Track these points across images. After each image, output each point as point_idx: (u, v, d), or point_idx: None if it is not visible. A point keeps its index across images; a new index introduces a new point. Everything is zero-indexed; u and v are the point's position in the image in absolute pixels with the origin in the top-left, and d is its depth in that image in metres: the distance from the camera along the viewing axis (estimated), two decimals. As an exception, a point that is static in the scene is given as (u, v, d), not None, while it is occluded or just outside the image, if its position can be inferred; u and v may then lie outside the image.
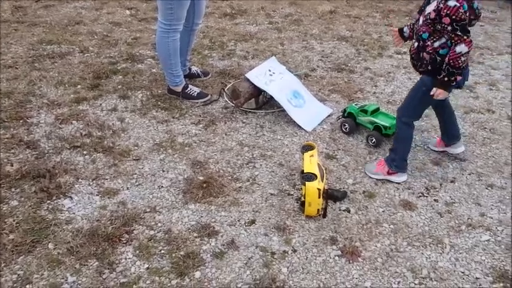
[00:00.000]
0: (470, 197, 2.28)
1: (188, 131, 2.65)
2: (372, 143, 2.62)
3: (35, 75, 3.12)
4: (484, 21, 4.81)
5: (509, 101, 3.22)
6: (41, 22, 4.04)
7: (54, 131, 2.55)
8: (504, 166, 2.52)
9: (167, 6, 2.61)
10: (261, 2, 5.05)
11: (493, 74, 3.63)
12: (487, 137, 2.79)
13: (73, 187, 2.15)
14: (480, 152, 2.63)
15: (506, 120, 2.97)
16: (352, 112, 2.69)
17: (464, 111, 3.04)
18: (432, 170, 2.46)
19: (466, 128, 2.85)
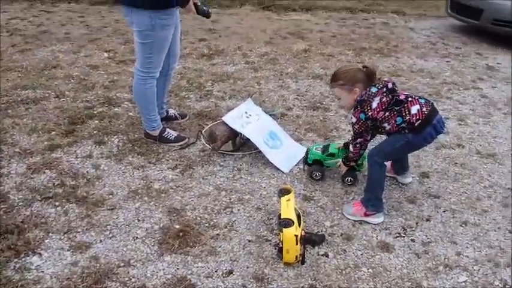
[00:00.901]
0: (445, 235, 2.28)
1: (165, 176, 2.61)
2: (349, 182, 2.62)
3: (7, 123, 3.08)
4: (450, 57, 5.04)
5: (477, 135, 3.29)
6: (16, 67, 4.02)
7: (25, 182, 2.48)
8: (476, 202, 2.54)
9: (146, 55, 2.63)
10: (237, 41, 5.15)
11: (461, 108, 3.74)
12: (458, 172, 2.83)
13: (43, 242, 2.07)
14: (453, 188, 2.67)
15: (475, 155, 3.03)
16: (318, 158, 2.65)
17: (435, 146, 3.08)
18: (408, 209, 2.47)
19: (438, 164, 2.90)
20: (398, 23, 6.58)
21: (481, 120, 3.55)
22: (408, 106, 2.24)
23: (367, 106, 2.28)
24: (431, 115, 2.27)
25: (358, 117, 2.31)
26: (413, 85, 4.18)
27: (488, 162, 2.95)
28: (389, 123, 2.27)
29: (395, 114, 2.24)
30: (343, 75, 2.37)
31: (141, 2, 2.47)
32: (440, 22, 6.68)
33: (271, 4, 7.22)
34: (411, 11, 7.33)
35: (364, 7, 7.44)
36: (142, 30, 2.55)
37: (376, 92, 2.28)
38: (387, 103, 2.26)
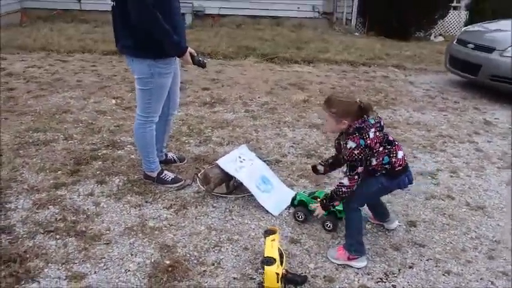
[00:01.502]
0: (427, 283, 2.34)
1: (160, 215, 2.78)
2: (328, 228, 2.73)
3: (18, 162, 3.30)
4: (447, 111, 5.21)
5: (468, 188, 3.38)
6: (30, 111, 4.31)
7: (30, 216, 2.67)
8: (461, 252, 2.61)
9: (146, 101, 2.87)
10: (239, 91, 5.44)
11: (454, 161, 3.83)
12: (446, 223, 2.90)
13: (42, 271, 2.23)
14: (439, 238, 2.74)
15: (465, 207, 3.11)
16: (303, 200, 2.80)
17: (425, 197, 3.19)
18: (392, 256, 2.55)
19: (426, 214, 2.99)
20: (398, 77, 6.74)
21: (474, 173, 3.63)
22: (396, 149, 2.36)
23: (365, 134, 2.28)
24: (407, 164, 2.44)
25: (358, 143, 2.26)
26: (409, 137, 4.31)
27: (477, 215, 3.02)
28: (377, 160, 2.33)
29: (385, 153, 2.33)
30: (337, 105, 2.34)
31: (140, 52, 2.73)
32: (440, 77, 6.81)
33: (274, 56, 7.57)
34: (412, 66, 7.50)
35: (366, 61, 7.64)
36: (142, 77, 2.80)
37: (372, 124, 2.32)
38: (381, 138, 2.33)
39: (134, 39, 2.70)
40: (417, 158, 3.86)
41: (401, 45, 8.95)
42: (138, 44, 2.69)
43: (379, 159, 2.34)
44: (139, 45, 2.70)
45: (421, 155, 3.92)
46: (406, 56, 8.17)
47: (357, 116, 2.32)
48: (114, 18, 2.76)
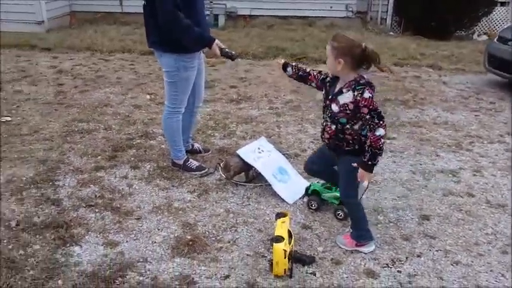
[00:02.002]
0: (433, 271, 2.45)
1: (184, 197, 3.15)
2: (340, 217, 2.90)
3: (65, 147, 3.77)
4: (480, 112, 5.07)
5: (491, 187, 3.37)
6: (76, 104, 4.79)
7: (74, 192, 3.11)
8: (474, 246, 2.68)
9: (173, 92, 3.23)
10: (265, 89, 5.74)
11: (480, 161, 3.83)
12: (461, 218, 2.96)
13: (83, 238, 2.65)
14: (452, 232, 2.82)
15: (484, 204, 3.13)
16: (316, 189, 3.01)
17: (443, 193, 3.26)
18: (401, 244, 2.68)
19: (442, 209, 3.06)
20: (431, 77, 6.53)
21: (500, 173, 3.61)
22: (375, 126, 2.27)
23: (373, 93, 2.25)
24: None
25: (373, 94, 2.22)
26: (433, 136, 4.32)
27: (497, 212, 3.03)
28: (359, 125, 2.33)
29: (362, 122, 2.32)
30: (340, 41, 2.26)
31: (167, 47, 3.08)
32: (478, 77, 6.49)
33: (303, 56, 7.75)
34: (448, 66, 7.12)
35: (398, 60, 7.42)
36: (169, 71, 3.16)
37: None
38: None
39: (162, 35, 3.02)
40: (440, 156, 3.90)
41: (438, 45, 8.60)
42: (165, 39, 3.03)
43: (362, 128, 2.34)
44: (166, 40, 3.03)
45: (444, 154, 3.94)
46: (443, 55, 7.83)
47: (356, 59, 2.23)
48: (145, 16, 3.07)
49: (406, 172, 3.62)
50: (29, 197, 3.03)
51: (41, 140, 3.88)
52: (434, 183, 3.41)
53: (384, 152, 3.88)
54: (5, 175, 3.28)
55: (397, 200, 3.16)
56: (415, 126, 4.58)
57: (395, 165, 3.73)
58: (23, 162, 3.48)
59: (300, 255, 2.52)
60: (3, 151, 3.64)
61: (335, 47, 2.26)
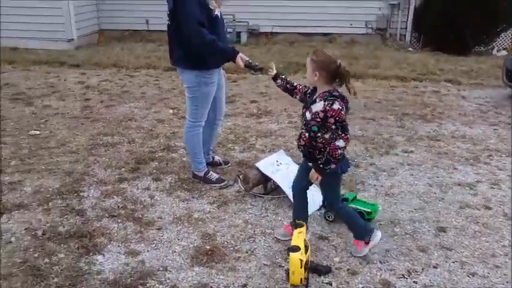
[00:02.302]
0: (449, 282, 2.47)
1: (204, 208, 3.22)
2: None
3: (90, 160, 3.91)
4: (499, 126, 5.04)
5: (508, 200, 3.35)
6: (101, 118, 4.96)
7: (98, 203, 3.22)
8: (490, 257, 2.69)
9: (193, 107, 3.34)
10: (285, 104, 5.78)
11: (497, 174, 3.82)
12: (478, 230, 2.97)
13: (106, 247, 2.74)
14: (468, 244, 2.83)
15: (502, 217, 3.14)
16: None
17: (460, 206, 3.28)
18: (417, 256, 2.70)
19: (458, 221, 3.08)
20: (450, 92, 6.52)
21: None
22: (337, 137, 2.41)
23: (343, 105, 2.43)
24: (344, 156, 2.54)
25: (343, 107, 2.41)
26: (451, 149, 4.33)
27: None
28: (329, 135, 2.45)
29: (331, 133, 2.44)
30: (319, 56, 2.46)
31: (189, 64, 3.21)
32: (498, 92, 6.44)
33: (323, 72, 7.87)
34: (467, 81, 7.09)
35: (417, 76, 7.43)
36: (190, 86, 3.29)
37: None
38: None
39: (183, 52, 3.17)
40: (457, 169, 3.91)
41: (457, 60, 8.61)
42: (186, 56, 3.18)
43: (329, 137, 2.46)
44: (188, 57, 3.18)
45: (462, 167, 3.95)
46: (462, 70, 7.83)
47: (330, 74, 2.41)
48: (170, 34, 3.24)
49: (423, 185, 3.64)
50: (55, 207, 3.16)
51: (67, 152, 4.04)
52: (451, 196, 3.42)
53: (402, 164, 4.03)
54: (32, 186, 3.43)
55: (413, 212, 3.17)
56: (433, 140, 4.58)
57: (413, 177, 3.75)
58: (50, 173, 3.63)
59: (316, 265, 2.57)
60: (31, 163, 3.80)
61: (314, 60, 2.47)
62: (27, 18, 8.44)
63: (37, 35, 8.49)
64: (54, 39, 8.56)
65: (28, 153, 4.00)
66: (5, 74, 6.71)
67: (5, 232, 2.84)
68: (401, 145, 4.45)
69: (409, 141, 4.58)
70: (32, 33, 8.49)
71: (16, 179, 3.51)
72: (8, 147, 4.10)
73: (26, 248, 2.71)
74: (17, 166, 3.73)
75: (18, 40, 8.39)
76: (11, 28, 8.41)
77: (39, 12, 8.46)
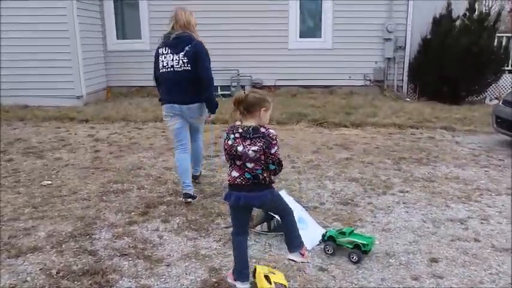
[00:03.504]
0: None
1: (210, 246, 3.36)
2: (354, 260, 3.12)
3: (102, 205, 4.09)
4: (489, 168, 5.37)
5: (497, 233, 3.59)
6: (111, 168, 5.20)
7: (110, 244, 3.36)
8: (478, 284, 2.88)
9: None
10: (288, 151, 6.04)
11: (487, 210, 4.07)
12: (468, 260, 3.17)
13: (118, 282, 2.86)
14: (458, 272, 3.02)
15: (490, 248, 3.34)
16: (332, 235, 3.25)
17: (451, 239, 3.49)
18: (410, 283, 2.88)
19: (450, 253, 3.28)
20: (445, 138, 6.93)
21: (505, 220, 3.84)
22: (233, 168, 2.65)
23: (230, 133, 2.64)
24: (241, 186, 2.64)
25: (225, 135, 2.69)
26: (444, 189, 4.58)
27: (501, 255, 3.24)
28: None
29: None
30: None
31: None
32: (490, 137, 6.91)
33: (324, 121, 8.14)
34: (461, 127, 7.59)
35: (414, 123, 7.82)
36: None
37: (238, 133, 2.61)
38: (230, 151, 2.61)
39: (199, 93, 4.18)
40: (449, 207, 4.15)
41: (452, 109, 9.10)
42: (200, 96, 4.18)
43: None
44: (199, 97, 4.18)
45: (454, 205, 4.18)
46: (456, 118, 8.26)
47: (233, 104, 2.65)
48: (184, 81, 4.07)
49: (418, 221, 3.85)
50: (68, 249, 3.30)
51: (79, 199, 4.23)
52: (444, 230, 3.63)
53: (398, 203, 4.28)
54: (46, 231, 3.58)
55: (408, 245, 3.33)
56: (427, 181, 4.84)
57: (408, 214, 3.97)
58: (63, 219, 3.79)
59: None
60: (44, 210, 3.97)
61: None
62: (37, 77, 8.87)
63: (46, 93, 8.87)
64: (64, 96, 8.97)
65: (41, 201, 4.18)
66: (16, 130, 7.04)
67: (21, 273, 2.98)
68: (397, 186, 4.67)
69: (405, 182, 4.83)
70: (41, 91, 8.88)
71: (30, 225, 3.68)
72: (21, 196, 4.30)
73: (41, 286, 2.83)
74: (31, 213, 3.90)
75: (28, 98, 8.72)
76: (21, 87, 8.77)
77: (49, 71, 8.89)
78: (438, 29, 10.02)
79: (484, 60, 9.64)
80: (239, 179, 2.62)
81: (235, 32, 10.36)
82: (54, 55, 8.86)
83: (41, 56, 8.80)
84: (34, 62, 8.82)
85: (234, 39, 10.35)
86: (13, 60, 8.79)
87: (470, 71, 9.57)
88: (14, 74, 8.80)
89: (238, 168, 2.62)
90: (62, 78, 8.95)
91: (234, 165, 2.64)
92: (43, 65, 8.83)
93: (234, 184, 2.65)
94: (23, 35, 8.75)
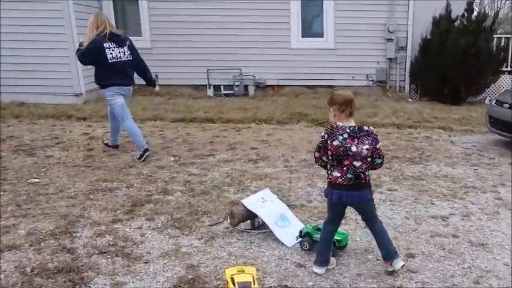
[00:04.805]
0: None
1: (191, 243, 3.32)
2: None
3: (87, 204, 4.06)
4: (479, 166, 5.38)
5: (476, 229, 3.62)
6: (103, 166, 5.18)
7: (90, 242, 3.33)
8: (450, 278, 2.93)
9: None
10: (283, 150, 5.98)
11: (470, 207, 4.11)
12: (443, 255, 3.22)
13: (93, 280, 2.84)
14: (432, 267, 3.06)
15: (466, 244, 3.40)
16: (308, 232, 3.25)
17: (430, 235, 3.53)
18: (384, 278, 2.92)
19: (427, 248, 3.32)
20: (441, 137, 6.92)
21: (486, 217, 3.89)
22: (336, 169, 2.79)
23: (333, 135, 2.75)
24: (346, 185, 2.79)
25: (323, 134, 2.80)
26: (432, 187, 4.60)
27: (477, 250, 3.31)
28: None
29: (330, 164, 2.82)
30: (329, 96, 2.87)
31: None
32: (485, 137, 6.94)
33: (324, 121, 8.05)
34: (458, 127, 7.63)
35: (412, 123, 7.80)
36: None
37: (347, 134, 2.75)
38: (340, 152, 2.74)
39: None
40: (434, 204, 4.19)
41: (451, 109, 9.11)
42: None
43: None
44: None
45: (439, 202, 4.22)
46: (454, 118, 8.30)
47: (337, 105, 2.77)
48: (128, 66, 5.35)
49: (401, 218, 3.89)
50: (46, 247, 3.26)
51: (65, 198, 4.19)
52: (425, 227, 3.68)
53: (384, 201, 4.28)
54: (26, 229, 3.53)
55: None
56: (416, 180, 4.86)
57: (392, 212, 4.00)
58: (46, 217, 3.75)
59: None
60: (27, 208, 3.93)
61: (327, 101, 2.85)
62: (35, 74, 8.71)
63: (45, 90, 8.73)
64: (62, 93, 8.85)
65: (26, 199, 4.14)
66: (10, 127, 7.03)
67: (-5, 270, 2.96)
68: (387, 184, 4.68)
69: (395, 181, 4.85)
70: (39, 88, 8.72)
71: (11, 223, 3.63)
72: (6, 194, 4.25)
73: (13, 283, 2.80)
74: (13, 211, 3.86)
75: (26, 95, 8.55)
76: (18, 84, 8.62)
77: (47, 68, 8.75)
78: (437, 30, 9.93)
79: (482, 61, 9.60)
80: (340, 179, 2.78)
81: (238, 30, 10.31)
82: (52, 51, 8.71)
83: (39, 52, 8.66)
84: (32, 59, 8.68)
85: (236, 38, 10.31)
86: (10, 56, 8.69)
87: (469, 71, 9.53)
88: (12, 70, 8.70)
89: (341, 169, 2.76)
90: (61, 76, 8.82)
91: (337, 165, 2.77)
92: (41, 61, 8.70)
93: (335, 183, 2.81)
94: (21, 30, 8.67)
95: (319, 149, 2.85)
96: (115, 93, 5.27)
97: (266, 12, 10.41)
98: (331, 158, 2.78)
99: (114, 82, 5.23)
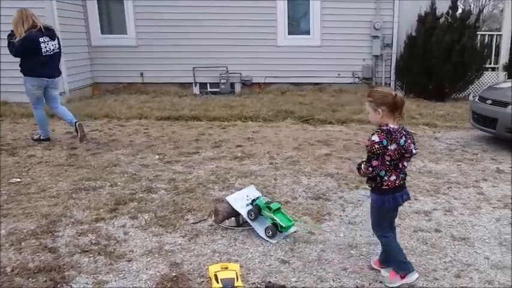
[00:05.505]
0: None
1: (175, 241, 3.30)
2: (268, 235, 3.31)
3: (70, 203, 4.01)
4: (463, 162, 5.47)
5: (458, 223, 3.67)
6: (86, 165, 5.12)
7: (72, 241, 3.29)
8: (431, 272, 2.97)
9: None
10: (269, 148, 5.99)
11: (453, 202, 4.14)
12: (425, 250, 3.24)
13: (74, 279, 2.80)
14: (414, 261, 3.05)
15: (448, 238, 3.43)
16: (259, 205, 3.40)
17: (413, 230, 3.55)
18: (367, 273, 2.94)
19: (410, 243, 3.34)
20: (425, 133, 7.04)
21: (468, 211, 3.94)
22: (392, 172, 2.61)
23: (391, 139, 2.55)
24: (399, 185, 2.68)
25: (381, 140, 2.52)
26: (416, 183, 4.63)
27: (458, 244, 3.35)
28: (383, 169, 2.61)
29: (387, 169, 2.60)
30: (374, 94, 2.62)
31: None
32: (469, 133, 7.05)
33: (310, 118, 8.11)
34: (443, 124, 7.74)
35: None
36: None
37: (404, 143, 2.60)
38: (397, 155, 2.59)
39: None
40: (417, 199, 4.20)
41: (436, 106, 9.22)
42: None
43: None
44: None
45: (422, 198, 4.26)
46: (439, 115, 8.38)
47: (390, 107, 2.56)
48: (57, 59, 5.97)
49: None
50: (27, 246, 3.21)
51: (47, 197, 4.14)
52: (408, 222, 3.71)
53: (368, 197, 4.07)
54: (7, 229, 3.47)
55: (371, 237, 3.28)
56: None
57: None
58: (27, 217, 3.70)
59: (273, 284, 2.71)
60: (8, 208, 3.87)
61: (371, 100, 2.62)
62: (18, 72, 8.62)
63: None
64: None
65: (6, 199, 4.07)
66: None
67: (-26, 272, 2.91)
68: None
69: None
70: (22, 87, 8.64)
71: (-9, 223, 3.56)
72: (-14, 195, 4.19)
73: (-6, 283, 2.77)
74: (-6, 211, 3.80)
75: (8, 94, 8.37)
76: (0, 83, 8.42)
77: None
78: (423, 27, 10.03)
79: (466, 58, 9.72)
80: (398, 181, 2.66)
81: (224, 28, 10.28)
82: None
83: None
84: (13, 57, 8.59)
85: (222, 36, 10.28)
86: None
87: (454, 68, 9.65)
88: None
89: (397, 172, 2.64)
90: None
91: (393, 169, 2.62)
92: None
93: (393, 187, 2.66)
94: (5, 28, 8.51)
95: (376, 157, 2.57)
96: (38, 83, 5.79)
97: (252, 9, 10.41)
98: (388, 163, 2.60)
99: (42, 74, 5.75)
